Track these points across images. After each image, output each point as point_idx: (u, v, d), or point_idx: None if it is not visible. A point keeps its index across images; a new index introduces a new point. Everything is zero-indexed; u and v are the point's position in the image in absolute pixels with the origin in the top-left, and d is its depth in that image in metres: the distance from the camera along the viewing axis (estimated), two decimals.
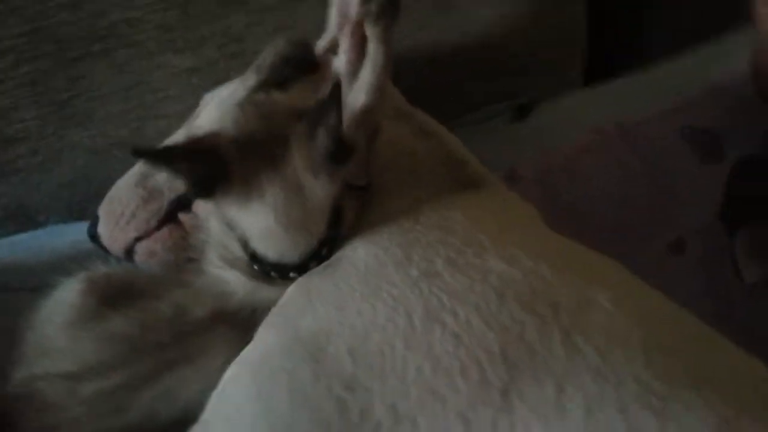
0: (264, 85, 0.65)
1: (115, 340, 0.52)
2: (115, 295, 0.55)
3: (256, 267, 0.53)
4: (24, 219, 0.78)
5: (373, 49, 0.63)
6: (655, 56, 0.95)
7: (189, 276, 0.57)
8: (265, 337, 0.47)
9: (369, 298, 0.45)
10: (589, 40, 0.94)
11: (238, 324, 0.53)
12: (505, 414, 0.39)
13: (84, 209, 0.79)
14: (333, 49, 0.69)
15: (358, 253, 0.50)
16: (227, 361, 0.51)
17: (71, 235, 0.78)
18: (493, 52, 0.86)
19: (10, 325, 0.65)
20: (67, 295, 0.54)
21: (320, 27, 0.79)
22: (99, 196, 0.78)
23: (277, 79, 0.66)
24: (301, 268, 0.52)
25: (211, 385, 0.51)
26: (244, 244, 0.53)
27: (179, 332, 0.52)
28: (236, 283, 0.54)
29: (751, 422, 0.37)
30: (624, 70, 0.96)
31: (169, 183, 0.65)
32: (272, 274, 0.53)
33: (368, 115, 0.61)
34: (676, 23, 1.06)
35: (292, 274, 0.53)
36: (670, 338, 0.44)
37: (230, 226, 0.54)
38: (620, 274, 0.50)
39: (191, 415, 0.50)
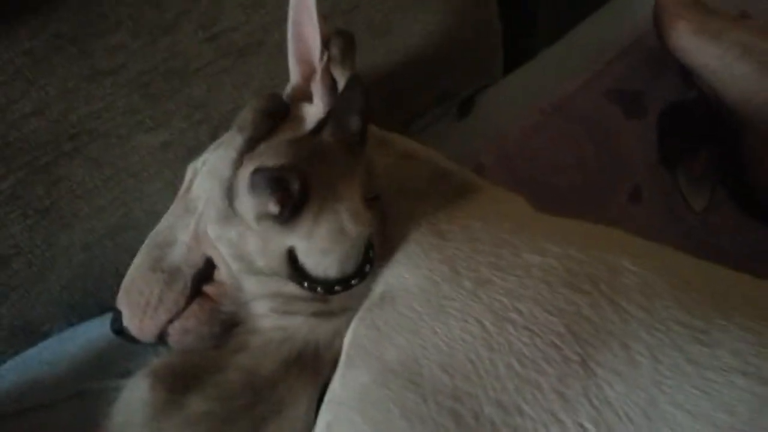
0: (252, 141, 0.69)
1: (201, 420, 0.54)
2: (181, 381, 0.57)
3: (305, 285, 0.57)
4: (29, 333, 0.76)
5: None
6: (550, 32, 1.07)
7: (243, 338, 0.60)
8: (354, 376, 0.52)
9: (438, 317, 0.51)
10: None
11: (307, 365, 0.57)
12: (590, 380, 0.47)
13: (85, 307, 0.79)
14: (297, 96, 0.74)
15: (407, 280, 0.56)
16: (310, 402, 0.55)
17: (80, 337, 0.78)
18: (428, 62, 0.93)
19: None
20: (138, 394, 0.56)
21: (274, 78, 0.83)
22: (99, 290, 0.79)
23: (261, 132, 0.69)
24: (346, 282, 0.57)
25: (304, 429, 0.55)
26: (294, 268, 0.57)
27: (257, 391, 0.56)
28: (293, 327, 0.58)
29: None
30: (530, 51, 1.07)
31: (187, 256, 0.67)
32: (318, 290, 0.57)
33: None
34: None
35: (337, 288, 0.57)
36: (687, 279, 0.53)
37: (279, 256, 0.57)
38: (624, 237, 0.59)
39: None
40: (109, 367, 0.74)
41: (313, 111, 0.71)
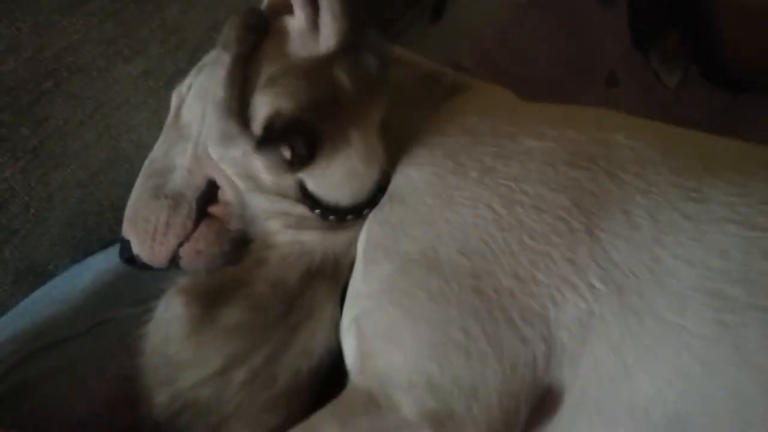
0: (238, 59, 0.68)
1: (238, 329, 0.57)
2: (211, 296, 0.59)
3: (317, 213, 0.59)
4: (35, 274, 0.77)
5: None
6: None
7: (261, 254, 0.62)
8: (376, 271, 0.55)
9: (449, 207, 0.54)
10: None
11: (328, 273, 0.60)
12: (596, 245, 0.51)
13: (87, 244, 0.80)
14: (275, 8, 0.72)
15: (413, 178, 0.58)
16: (335, 304, 0.58)
17: (88, 272, 0.79)
18: None
19: (87, 370, 0.69)
20: (173, 312, 0.58)
21: None
22: (99, 226, 0.80)
23: (246, 49, 0.69)
24: (358, 211, 0.59)
25: (333, 330, 0.58)
26: (305, 196, 0.59)
27: (286, 300, 0.58)
28: (309, 241, 0.60)
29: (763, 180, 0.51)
30: None
31: (188, 179, 0.68)
32: (330, 218, 0.59)
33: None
34: None
35: (349, 217, 0.59)
36: (676, 146, 0.56)
37: (288, 184, 0.59)
38: (615, 115, 0.62)
39: (324, 362, 0.58)
40: (121, 297, 0.76)
41: (295, 23, 0.70)
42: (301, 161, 0.55)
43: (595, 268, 0.50)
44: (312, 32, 0.68)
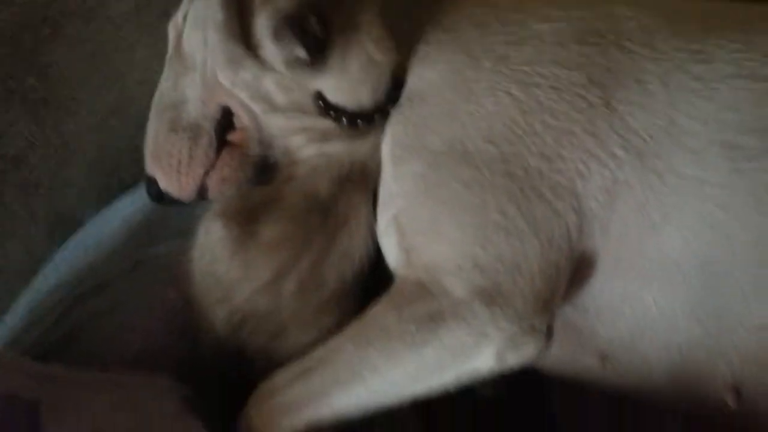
0: None
1: (279, 242, 0.60)
2: (247, 215, 0.61)
3: (344, 121, 0.60)
4: (64, 223, 0.79)
5: None
6: None
7: (289, 170, 0.64)
8: (406, 170, 0.57)
9: (469, 99, 0.56)
10: None
11: (357, 179, 0.62)
12: (614, 116, 0.53)
13: (109, 188, 0.82)
14: None
15: (429, 75, 0.59)
16: (368, 206, 0.61)
17: (115, 216, 0.81)
18: None
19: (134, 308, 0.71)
20: (214, 235, 0.60)
21: None
22: (118, 168, 0.81)
23: None
24: (382, 110, 0.60)
25: (370, 232, 0.61)
26: (326, 108, 0.60)
27: (321, 210, 0.61)
28: (334, 152, 0.62)
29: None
30: None
31: (203, 110, 0.69)
32: (359, 122, 0.60)
33: None
34: None
35: (376, 117, 0.60)
36: (679, 12, 0.58)
37: (305, 97, 0.60)
38: None
39: (364, 264, 0.61)
40: (153, 235, 0.79)
41: None
42: (318, 51, 0.55)
43: (615, 137, 0.53)
44: None
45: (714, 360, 0.54)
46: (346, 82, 0.59)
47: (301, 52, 0.55)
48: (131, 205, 0.81)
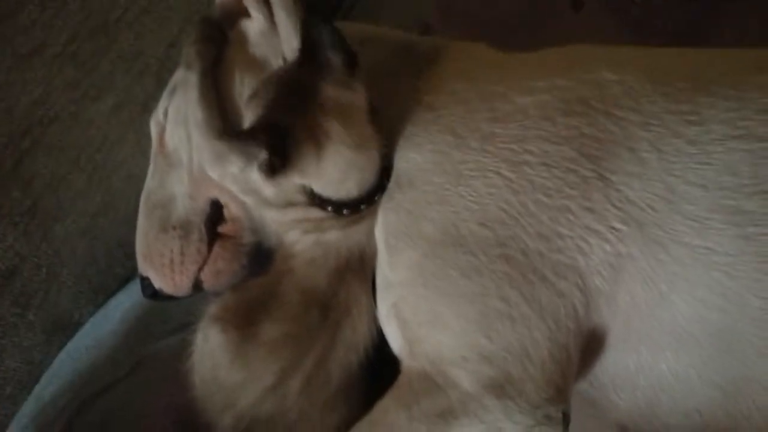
0: (205, 74, 0.67)
1: (281, 342, 0.58)
2: (244, 316, 0.60)
3: (330, 210, 0.59)
4: (63, 328, 0.78)
5: None
6: None
7: (285, 265, 0.63)
8: (403, 259, 0.56)
9: (459, 182, 0.55)
10: None
11: (356, 267, 0.61)
12: (609, 188, 0.52)
13: (105, 285, 0.81)
14: (230, 13, 0.71)
15: (415, 158, 0.58)
16: (369, 295, 0.60)
17: (114, 313, 0.80)
18: None
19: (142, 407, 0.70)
20: (213, 342, 0.59)
21: (194, 4, 0.79)
22: (112, 265, 0.81)
23: (209, 61, 0.68)
24: (369, 199, 0.59)
25: (372, 319, 0.60)
26: (313, 199, 0.59)
27: (321, 303, 0.60)
28: (330, 241, 0.61)
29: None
30: None
31: (192, 205, 0.68)
32: (345, 212, 0.59)
33: None
34: None
35: (362, 206, 0.59)
36: (663, 70, 0.57)
37: (292, 191, 0.59)
38: (595, 50, 0.62)
39: (369, 351, 0.60)
40: (152, 330, 0.77)
41: (254, 25, 0.69)
42: (277, 161, 0.54)
43: (613, 210, 0.51)
44: (272, 32, 0.68)
45: (737, 421, 0.52)
46: (329, 179, 0.58)
47: (262, 157, 0.54)
48: (128, 299, 0.80)
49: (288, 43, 0.67)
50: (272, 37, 0.68)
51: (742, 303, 0.49)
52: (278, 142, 0.54)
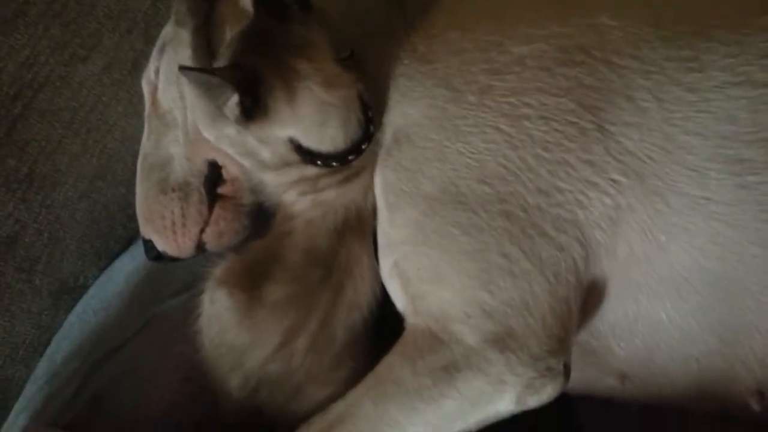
0: (198, 31, 0.66)
1: (285, 303, 0.59)
2: (249, 278, 0.61)
3: (320, 164, 0.58)
4: (69, 291, 0.79)
5: None
6: None
7: (285, 226, 0.63)
8: (403, 217, 0.56)
9: (457, 138, 0.54)
10: None
11: (355, 226, 0.61)
12: (608, 140, 0.51)
13: (107, 248, 0.81)
14: None
15: (412, 116, 0.57)
16: (370, 253, 0.60)
17: (118, 276, 0.80)
18: None
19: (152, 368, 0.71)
20: (220, 305, 0.59)
21: None
22: (113, 228, 0.81)
23: (201, 18, 0.66)
24: (357, 150, 0.58)
25: (374, 276, 0.61)
26: (303, 154, 0.58)
27: (324, 265, 0.60)
28: (327, 201, 0.61)
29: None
30: None
31: (190, 167, 0.68)
32: (334, 164, 0.58)
33: None
34: None
35: (351, 157, 0.58)
36: (661, 12, 0.54)
37: (283, 148, 0.59)
38: None
39: (372, 308, 0.61)
40: (158, 291, 0.78)
41: None
42: (249, 102, 0.54)
43: (613, 162, 0.51)
44: None
45: (734, 367, 0.53)
46: (309, 128, 0.57)
47: (229, 111, 0.54)
48: (132, 261, 0.80)
49: None
50: None
51: (740, 251, 0.50)
52: (248, 83, 0.53)
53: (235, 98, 0.53)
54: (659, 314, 0.53)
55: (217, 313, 0.60)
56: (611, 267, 0.53)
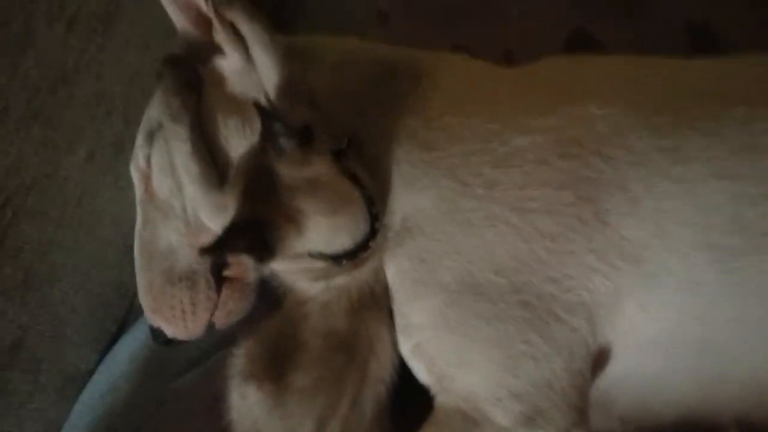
0: (195, 126, 0.66)
1: (314, 388, 0.62)
2: (274, 369, 0.63)
3: (330, 262, 0.61)
4: (74, 380, 0.79)
5: (248, 30, 0.64)
6: None
7: (299, 310, 0.65)
8: (423, 305, 0.59)
9: (470, 232, 0.58)
10: None
11: (369, 303, 0.64)
12: (607, 229, 0.56)
13: (106, 331, 0.81)
14: (197, 47, 0.68)
15: (422, 204, 0.60)
16: (389, 329, 0.63)
17: (122, 356, 0.80)
18: None
19: None
20: (250, 399, 0.61)
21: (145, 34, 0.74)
22: (110, 312, 0.82)
23: (193, 108, 0.66)
24: (364, 246, 0.61)
25: (394, 348, 0.64)
26: (313, 256, 0.61)
27: (346, 347, 0.63)
28: (339, 285, 0.63)
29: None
30: None
31: (194, 255, 0.68)
32: (343, 262, 0.61)
33: (293, 85, 0.65)
34: None
35: (359, 255, 0.61)
36: (642, 94, 0.60)
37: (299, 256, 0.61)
38: (575, 72, 0.65)
39: (392, 381, 0.64)
40: (166, 368, 0.79)
41: (230, 63, 0.67)
42: (265, 253, 0.57)
43: (613, 249, 0.56)
44: (250, 68, 0.66)
45: (717, 406, 0.62)
46: (319, 240, 0.59)
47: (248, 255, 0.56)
48: (134, 341, 0.80)
49: (269, 80, 0.65)
50: (250, 73, 0.66)
51: (722, 324, 0.57)
52: (257, 240, 0.55)
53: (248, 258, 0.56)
54: (653, 372, 0.60)
55: (249, 406, 0.62)
56: (612, 335, 0.59)
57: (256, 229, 0.56)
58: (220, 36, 0.65)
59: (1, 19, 0.60)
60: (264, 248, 0.56)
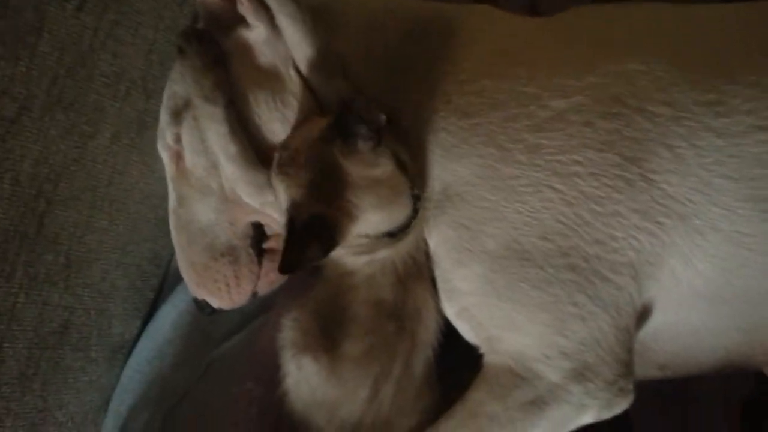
0: (230, 106, 0.64)
1: (367, 355, 0.64)
2: (326, 339, 0.64)
3: (374, 239, 0.62)
4: (120, 348, 0.81)
5: (274, 3, 0.62)
6: None
7: (345, 281, 0.66)
8: (469, 272, 0.60)
9: (514, 198, 0.58)
10: None
11: (413, 272, 0.65)
12: (652, 187, 0.57)
13: (145, 299, 0.82)
14: (221, 19, 0.65)
15: (461, 172, 0.60)
16: (434, 297, 0.65)
17: (164, 324, 0.82)
18: None
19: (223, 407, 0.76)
20: (306, 369, 0.63)
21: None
22: (148, 283, 0.82)
23: (224, 85, 0.64)
24: (406, 226, 0.62)
25: (439, 313, 0.66)
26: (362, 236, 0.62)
27: (394, 314, 0.65)
28: (383, 258, 0.64)
29: None
30: None
31: (233, 231, 0.69)
32: (384, 239, 0.62)
33: (326, 57, 0.63)
34: None
35: (400, 234, 0.62)
36: (684, 49, 0.59)
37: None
38: (610, 23, 0.63)
39: (438, 343, 0.66)
40: (209, 334, 0.81)
41: (255, 34, 0.65)
42: (330, 248, 0.57)
43: (657, 207, 0.57)
44: (276, 38, 0.64)
45: (753, 349, 0.64)
46: (367, 226, 0.60)
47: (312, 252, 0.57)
48: (174, 309, 0.82)
49: (299, 52, 0.63)
50: (276, 44, 0.64)
51: (760, 273, 0.58)
52: (325, 236, 0.56)
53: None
54: (695, 321, 0.62)
55: (306, 376, 0.64)
56: (657, 290, 0.60)
57: (324, 225, 0.57)
58: (244, 6, 0.62)
59: (14, 6, 0.57)
60: (330, 243, 0.57)
